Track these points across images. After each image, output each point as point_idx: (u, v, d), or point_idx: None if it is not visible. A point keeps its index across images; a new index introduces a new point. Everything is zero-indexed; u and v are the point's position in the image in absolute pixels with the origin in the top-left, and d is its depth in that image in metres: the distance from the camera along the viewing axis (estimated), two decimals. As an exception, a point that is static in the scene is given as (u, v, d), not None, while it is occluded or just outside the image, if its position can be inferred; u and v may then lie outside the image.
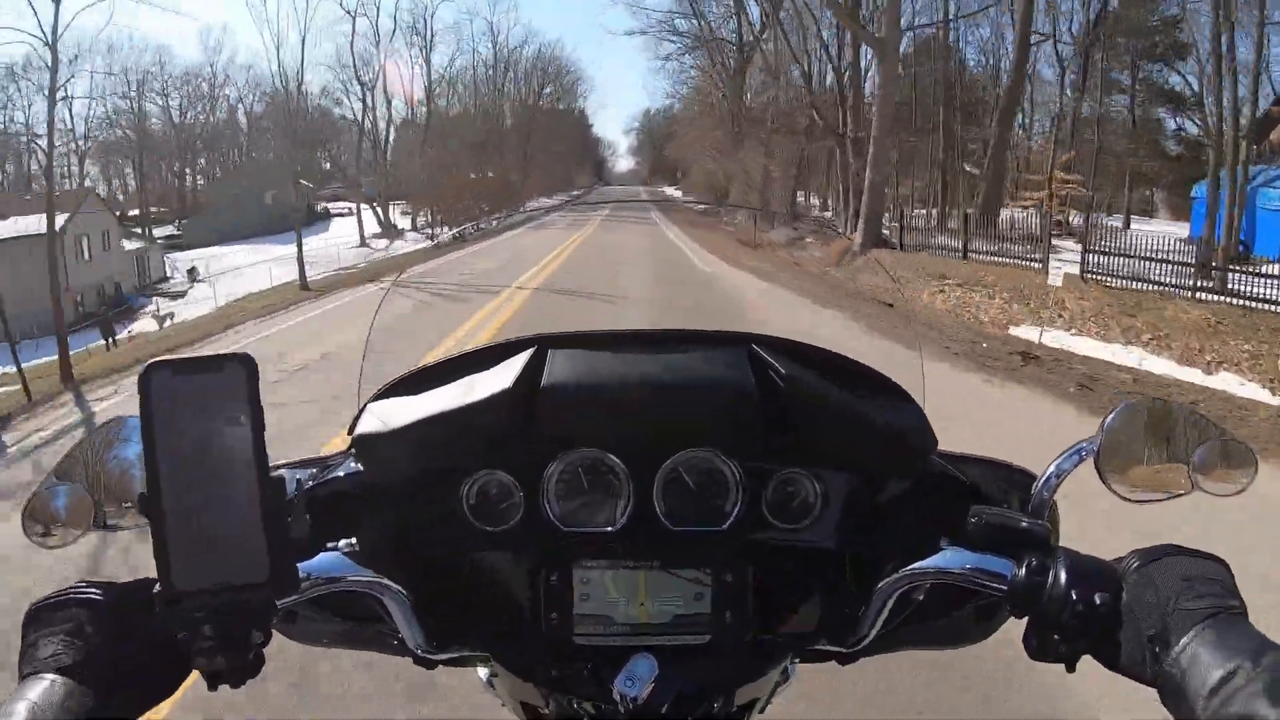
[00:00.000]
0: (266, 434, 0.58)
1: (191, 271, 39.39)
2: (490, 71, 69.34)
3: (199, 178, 62.51)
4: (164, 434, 0.56)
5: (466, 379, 0.86)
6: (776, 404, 0.82)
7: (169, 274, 40.87)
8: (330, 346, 11.21)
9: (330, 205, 57.93)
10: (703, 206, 48.79)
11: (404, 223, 50.73)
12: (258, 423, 0.58)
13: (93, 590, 0.60)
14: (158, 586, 0.57)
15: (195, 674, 0.61)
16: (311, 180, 56.15)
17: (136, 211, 54.34)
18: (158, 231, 53.14)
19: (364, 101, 54.40)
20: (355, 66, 55.89)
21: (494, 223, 35.75)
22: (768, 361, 0.85)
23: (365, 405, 0.89)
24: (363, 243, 25.48)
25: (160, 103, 59.48)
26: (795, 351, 0.90)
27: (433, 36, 60.84)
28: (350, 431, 0.87)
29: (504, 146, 65.56)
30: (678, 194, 69.41)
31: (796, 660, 0.89)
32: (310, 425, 6.46)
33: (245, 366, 0.58)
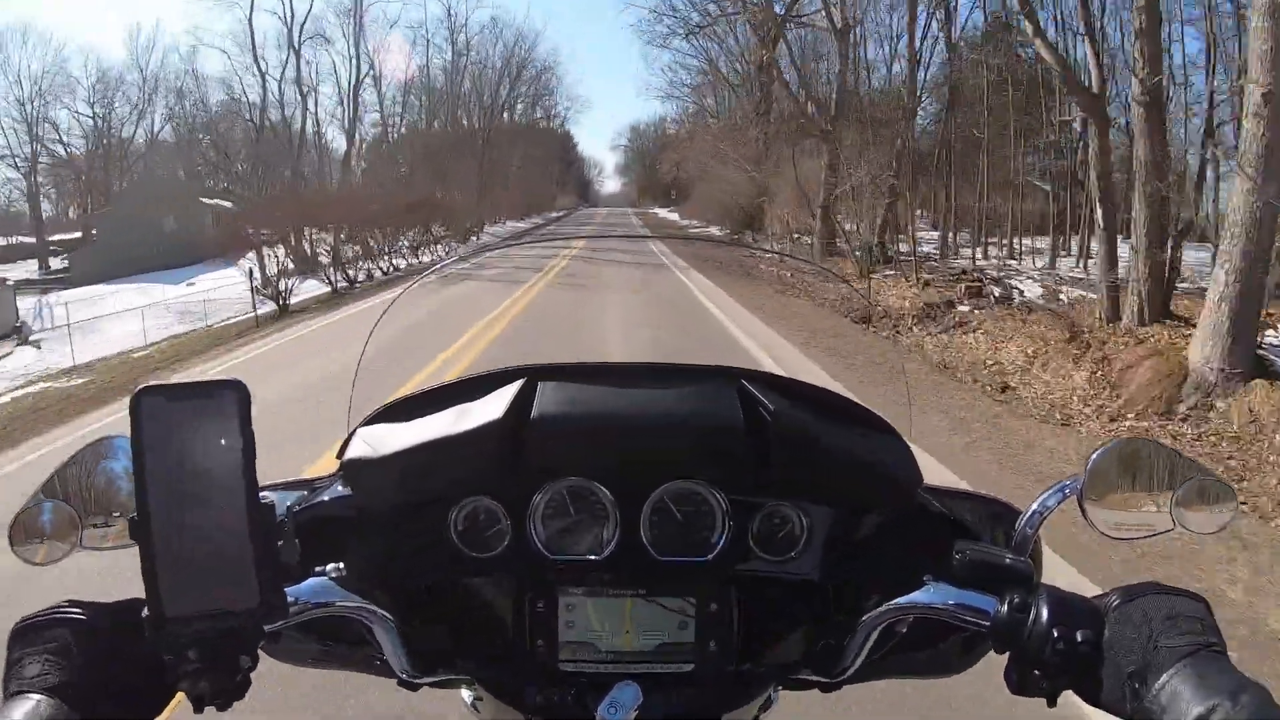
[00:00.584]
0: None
1: (19, 330, 25.87)
2: (449, 71, 59.97)
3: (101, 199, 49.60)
4: (154, 458, 0.57)
5: (457, 407, 0.86)
6: (764, 438, 0.83)
7: (19, 322, 27.12)
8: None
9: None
10: (719, 238, 30.00)
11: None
12: (249, 448, 0.59)
13: (80, 610, 0.60)
14: (146, 610, 0.57)
15: (180, 696, 0.60)
16: (232, 200, 43.79)
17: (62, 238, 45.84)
18: (56, 264, 43.73)
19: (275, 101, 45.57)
20: (255, 51, 47.81)
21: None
22: (756, 397, 0.86)
23: (354, 430, 0.89)
24: (265, 284, 18.88)
25: (73, 110, 50.37)
26: (784, 387, 0.91)
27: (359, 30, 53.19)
28: (339, 455, 0.87)
29: (465, 163, 53.83)
30: (674, 217, 60.49)
31: (779, 688, 0.90)
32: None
33: (237, 393, 0.58)
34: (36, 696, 0.55)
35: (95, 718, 0.56)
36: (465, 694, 0.94)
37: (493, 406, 0.83)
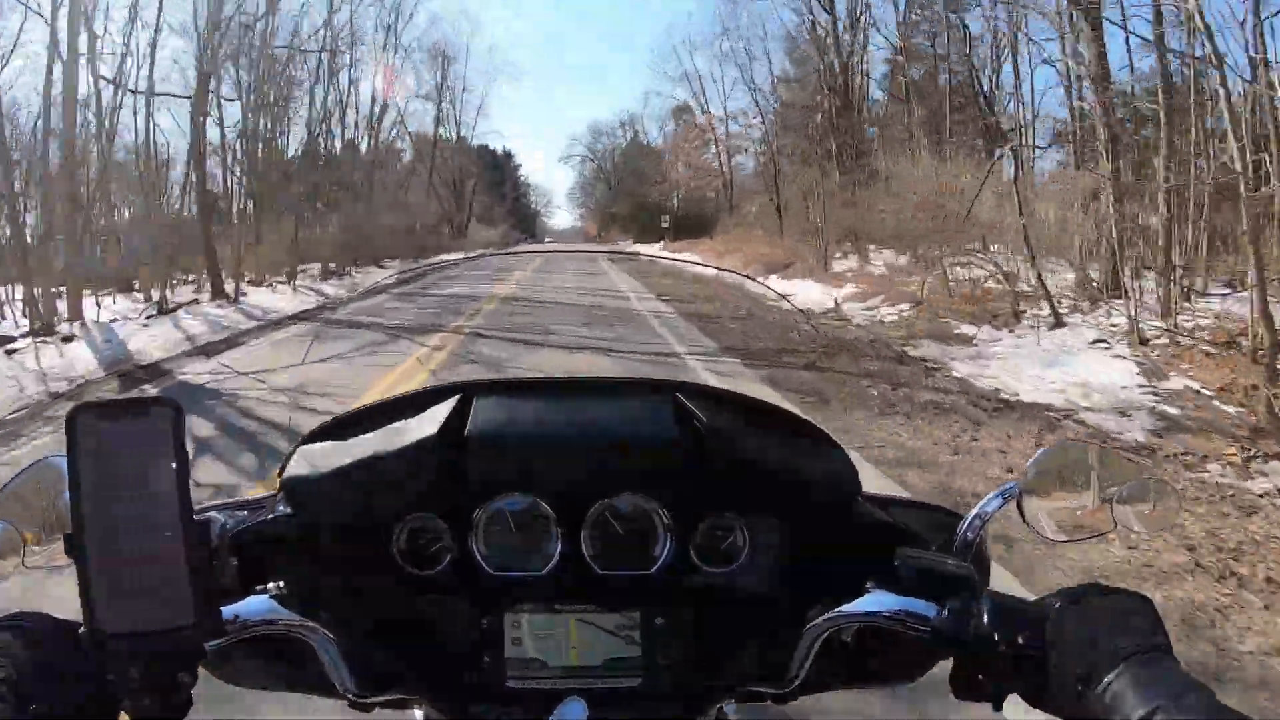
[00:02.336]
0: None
1: None
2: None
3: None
4: (89, 476, 0.57)
5: (394, 425, 0.86)
6: (700, 450, 0.83)
7: None
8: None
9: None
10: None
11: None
12: (183, 466, 0.59)
13: (24, 622, 0.60)
14: (82, 627, 0.57)
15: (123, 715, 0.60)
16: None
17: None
18: None
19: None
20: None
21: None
22: (690, 409, 0.86)
23: (295, 448, 0.88)
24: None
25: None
26: (720, 399, 0.91)
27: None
28: (280, 474, 0.86)
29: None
30: (682, 261, 23.27)
31: (733, 701, 0.89)
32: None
33: (173, 410, 0.59)
34: None
35: None
36: (417, 714, 0.93)
37: (429, 423, 0.83)
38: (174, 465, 0.58)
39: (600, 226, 63.85)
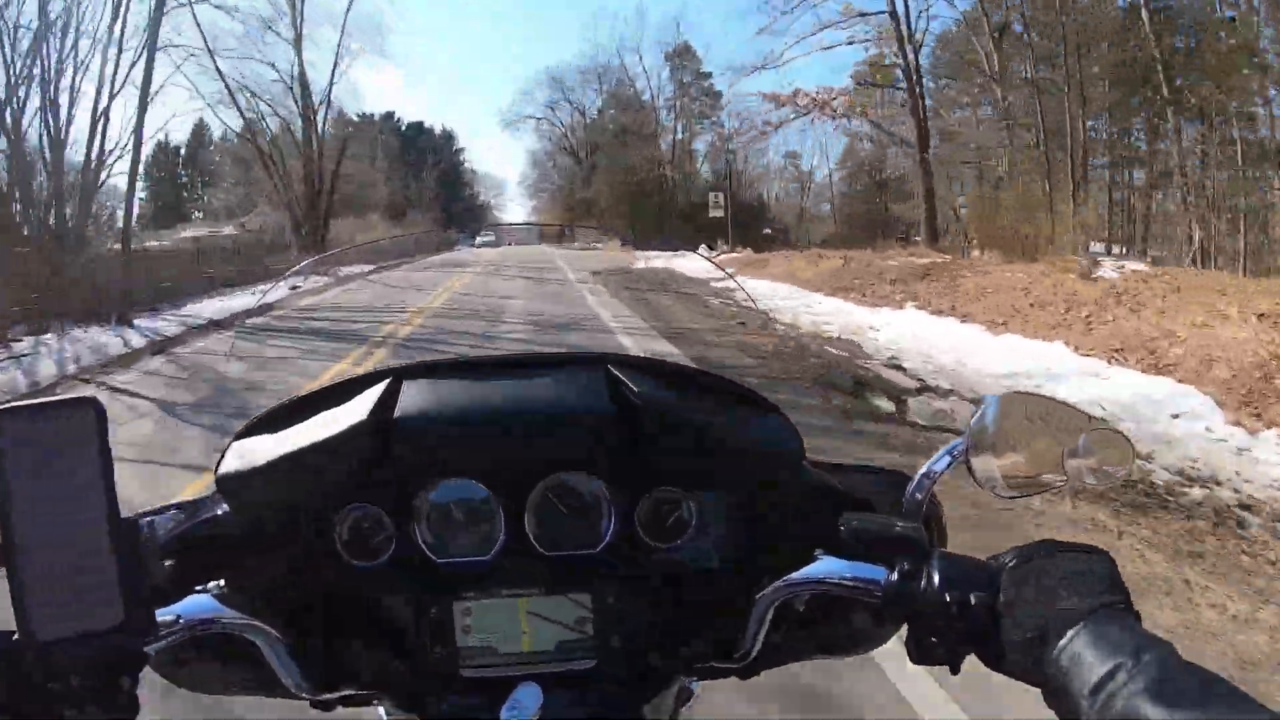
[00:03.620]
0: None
1: None
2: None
3: None
4: (15, 482, 0.56)
5: (324, 414, 0.84)
6: (637, 423, 0.82)
7: None
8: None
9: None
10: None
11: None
12: (107, 466, 0.58)
13: None
14: (15, 635, 0.57)
15: None
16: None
17: None
18: None
19: None
20: None
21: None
22: (623, 381, 0.84)
23: (228, 445, 0.87)
24: None
25: None
26: (653, 369, 0.90)
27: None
28: (215, 471, 0.85)
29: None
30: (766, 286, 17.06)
31: (695, 679, 0.89)
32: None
33: (94, 409, 0.58)
34: None
35: None
36: (380, 711, 0.92)
37: (357, 410, 0.81)
38: (99, 464, 0.58)
39: (564, 218, 47.22)
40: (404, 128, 62.76)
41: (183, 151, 53.48)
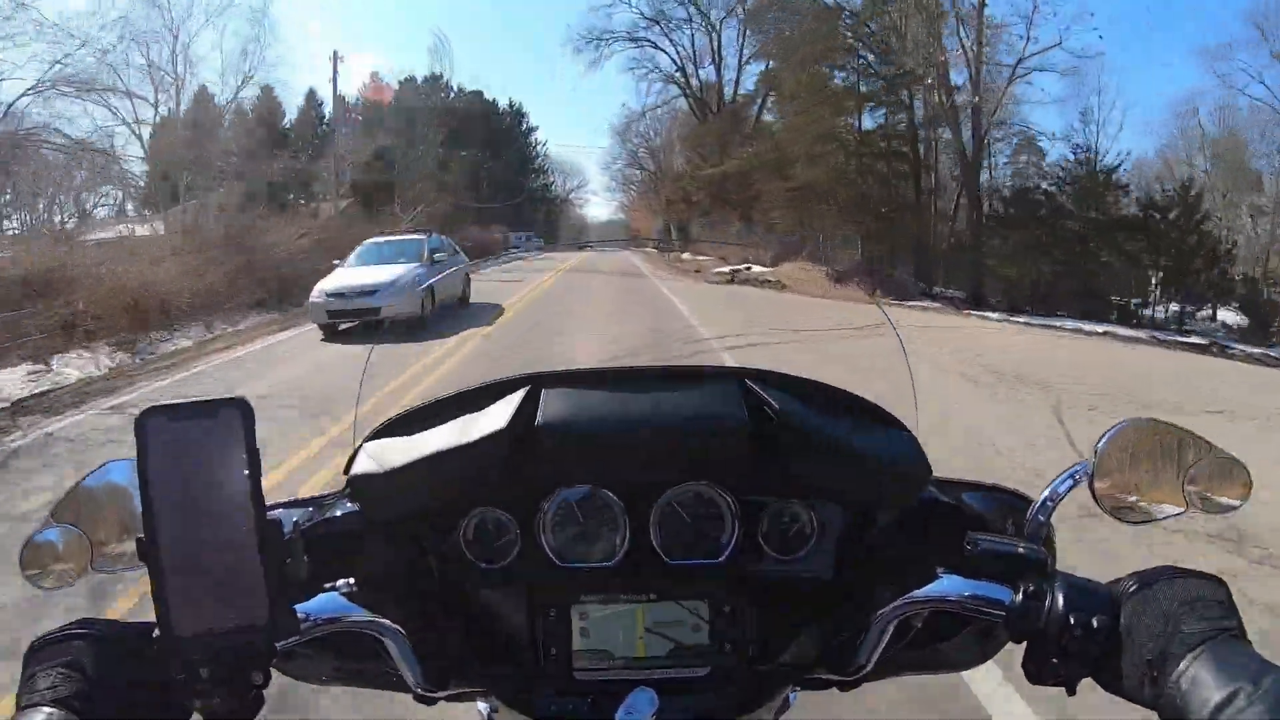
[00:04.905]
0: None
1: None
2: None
3: None
4: (160, 479, 0.57)
5: (461, 419, 0.86)
6: (769, 437, 0.83)
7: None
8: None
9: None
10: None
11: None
12: (254, 466, 0.59)
13: (95, 627, 0.61)
14: (156, 630, 0.58)
15: (196, 716, 0.61)
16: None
17: None
18: None
19: None
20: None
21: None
22: (760, 395, 0.85)
23: (360, 445, 0.89)
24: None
25: None
26: (788, 384, 0.91)
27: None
28: (346, 471, 0.87)
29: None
30: None
31: (797, 689, 0.89)
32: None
33: (240, 410, 0.59)
34: (48, 710, 0.55)
35: None
36: (481, 706, 0.94)
37: (497, 416, 0.83)
38: (245, 465, 0.58)
39: (675, 215, 31.04)
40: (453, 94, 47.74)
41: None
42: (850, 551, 0.88)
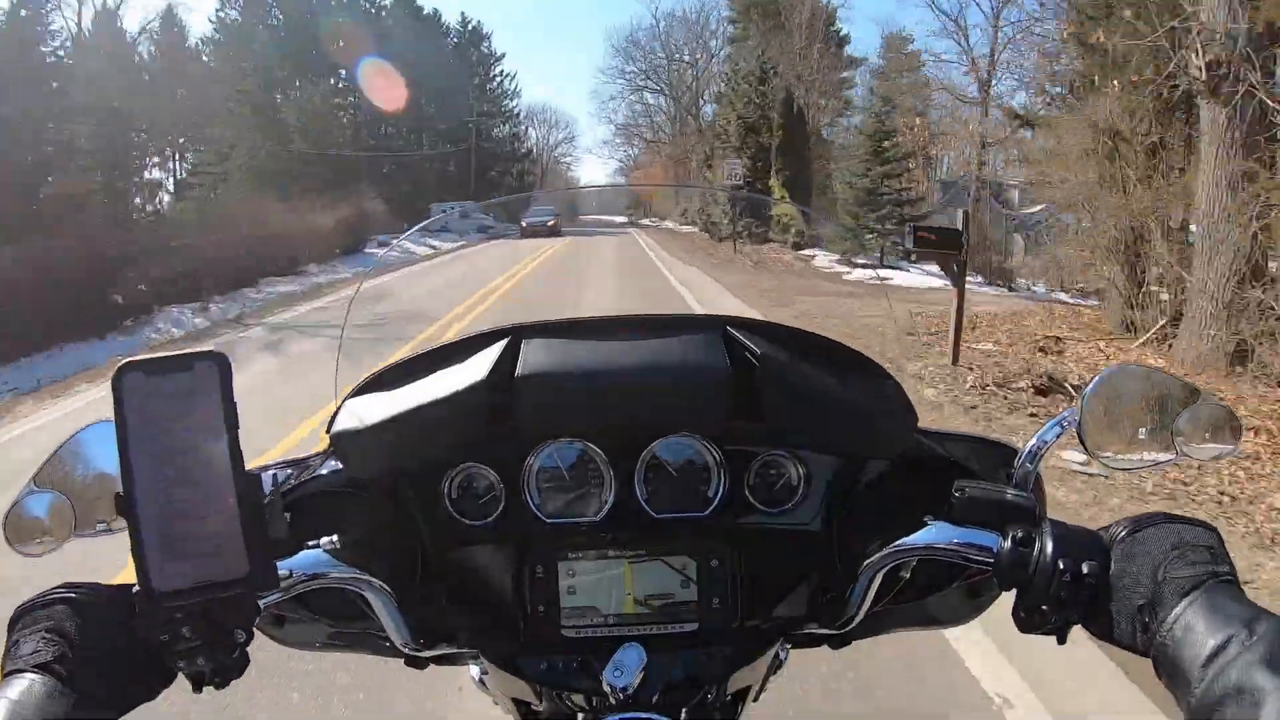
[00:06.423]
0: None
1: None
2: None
3: None
4: (138, 435, 0.56)
5: (441, 372, 0.85)
6: (753, 385, 0.82)
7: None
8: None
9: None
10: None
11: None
12: (232, 420, 0.58)
13: (76, 591, 0.60)
14: (136, 587, 0.57)
15: (181, 678, 0.60)
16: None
17: None
18: None
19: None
20: None
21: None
22: (742, 342, 0.84)
23: (342, 402, 0.88)
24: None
25: None
26: (770, 331, 0.89)
27: None
28: (328, 430, 0.86)
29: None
30: None
31: (789, 647, 0.89)
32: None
33: (218, 364, 0.58)
34: (31, 675, 0.55)
35: (90, 697, 0.55)
36: (473, 670, 0.94)
37: (477, 369, 0.82)
38: (223, 419, 0.57)
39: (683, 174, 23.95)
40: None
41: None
42: (838, 503, 0.88)
